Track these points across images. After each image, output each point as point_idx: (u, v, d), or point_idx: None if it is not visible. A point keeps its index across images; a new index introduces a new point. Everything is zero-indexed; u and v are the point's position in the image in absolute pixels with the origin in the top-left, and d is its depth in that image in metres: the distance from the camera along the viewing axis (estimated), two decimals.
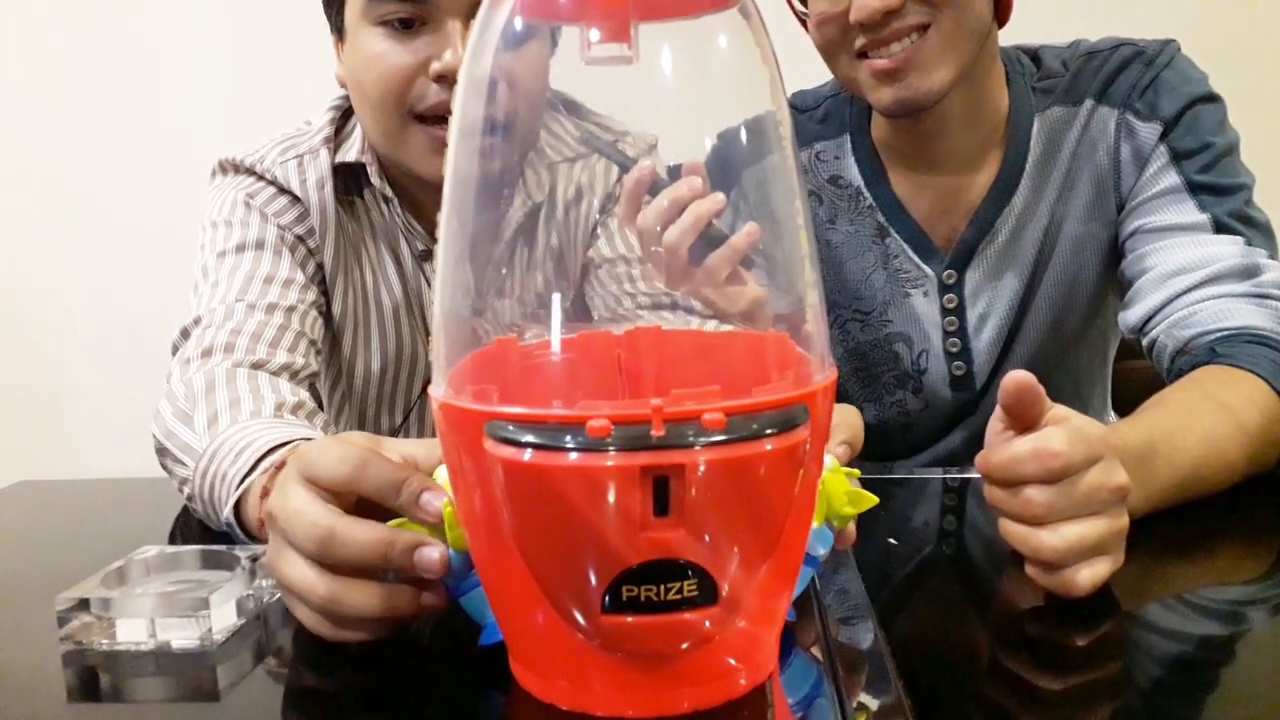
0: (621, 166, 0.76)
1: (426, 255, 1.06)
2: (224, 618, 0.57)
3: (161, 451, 0.84)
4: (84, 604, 0.57)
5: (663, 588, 0.43)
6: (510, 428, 0.42)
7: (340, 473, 0.52)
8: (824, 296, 0.51)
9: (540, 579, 0.45)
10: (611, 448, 0.40)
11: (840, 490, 0.55)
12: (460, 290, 0.51)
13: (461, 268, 0.51)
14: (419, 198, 1.05)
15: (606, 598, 0.43)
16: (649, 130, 0.97)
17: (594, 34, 0.48)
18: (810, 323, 0.50)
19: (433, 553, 0.51)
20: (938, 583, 0.69)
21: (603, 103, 0.92)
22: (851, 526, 0.58)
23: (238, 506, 0.72)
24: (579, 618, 0.45)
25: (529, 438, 0.41)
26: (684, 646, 0.45)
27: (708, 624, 0.44)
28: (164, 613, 0.56)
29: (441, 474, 0.53)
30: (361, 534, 0.51)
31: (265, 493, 0.68)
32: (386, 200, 1.04)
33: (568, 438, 0.41)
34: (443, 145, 0.93)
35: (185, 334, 0.93)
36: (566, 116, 1.04)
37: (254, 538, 0.72)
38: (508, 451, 0.42)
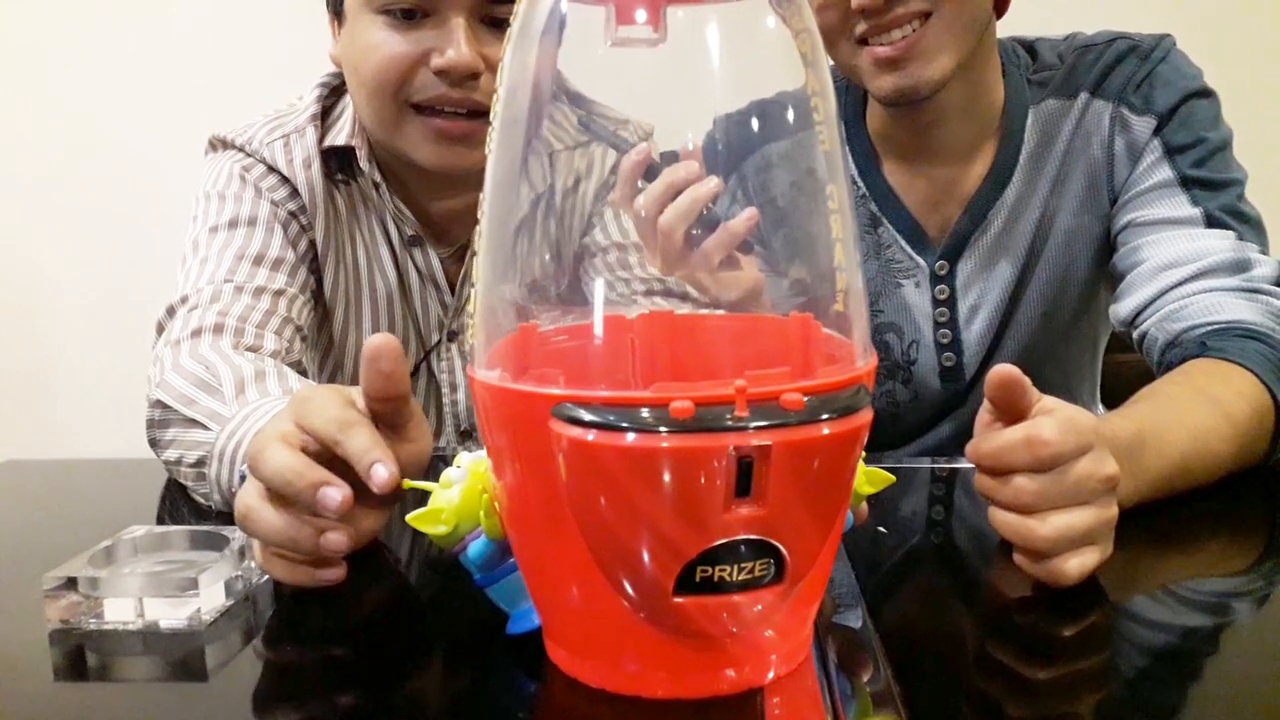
0: (620, 152, 0.76)
1: (415, 241, 1.06)
2: (213, 598, 0.57)
3: (163, 424, 0.83)
4: (71, 583, 0.57)
5: (736, 568, 0.43)
6: (586, 411, 0.41)
7: (327, 430, 0.58)
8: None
9: (604, 563, 0.45)
10: (698, 429, 0.40)
11: (860, 470, 0.56)
12: (502, 275, 0.52)
13: (502, 253, 0.51)
14: (409, 183, 1.04)
15: (680, 579, 0.43)
16: (683, 114, 0.97)
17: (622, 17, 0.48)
18: (846, 306, 0.50)
19: (334, 493, 0.55)
20: (926, 571, 0.69)
21: (624, 88, 0.92)
22: (864, 505, 0.59)
23: None
24: (645, 600, 0.45)
25: (609, 419, 0.41)
26: (742, 627, 0.46)
27: (773, 602, 0.45)
28: (152, 592, 0.56)
29: (465, 459, 0.54)
30: (278, 457, 0.57)
31: None
32: (376, 185, 1.03)
33: (650, 419, 0.40)
34: (440, 135, 0.94)
35: (171, 312, 0.92)
36: (569, 105, 1.04)
37: None
38: (579, 433, 0.41)
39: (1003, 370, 0.57)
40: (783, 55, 0.50)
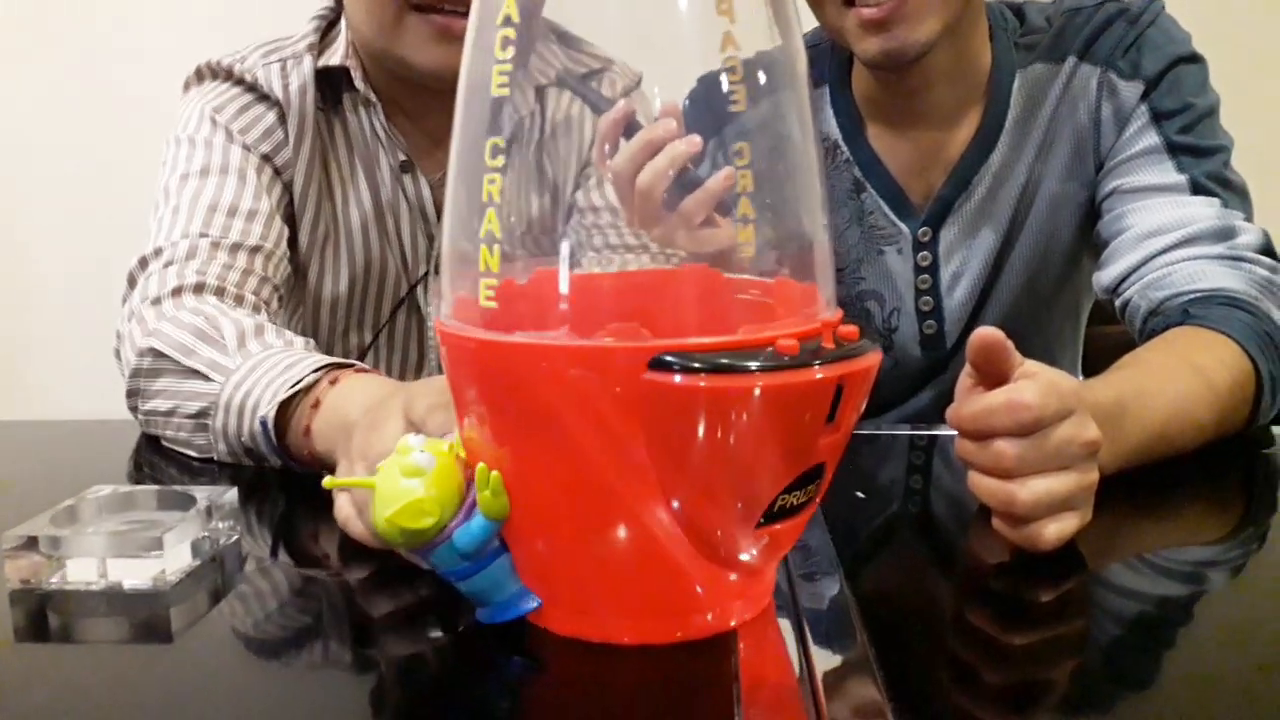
0: (595, 108, 0.74)
1: (407, 166, 1.04)
2: (178, 559, 0.56)
3: (153, 373, 0.82)
4: (32, 542, 0.56)
5: (802, 492, 0.47)
6: (697, 360, 0.42)
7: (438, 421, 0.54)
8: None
9: (691, 508, 0.46)
10: (801, 364, 0.43)
11: None
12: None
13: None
14: (402, 102, 1.03)
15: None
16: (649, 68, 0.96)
17: None
18: (821, 264, 0.52)
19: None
20: (904, 538, 0.69)
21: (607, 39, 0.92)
22: None
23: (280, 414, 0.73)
24: (726, 533, 0.47)
25: (721, 364, 0.42)
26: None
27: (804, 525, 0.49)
28: (116, 552, 0.55)
29: (416, 441, 0.49)
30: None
31: (316, 404, 0.72)
32: (368, 106, 1.02)
33: (767, 359, 0.43)
34: (441, 32, 0.93)
35: (144, 264, 0.91)
36: (557, 43, 1.02)
37: (283, 444, 0.74)
38: (689, 380, 0.42)
39: (985, 333, 0.57)
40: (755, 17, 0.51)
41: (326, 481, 0.49)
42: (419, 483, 0.46)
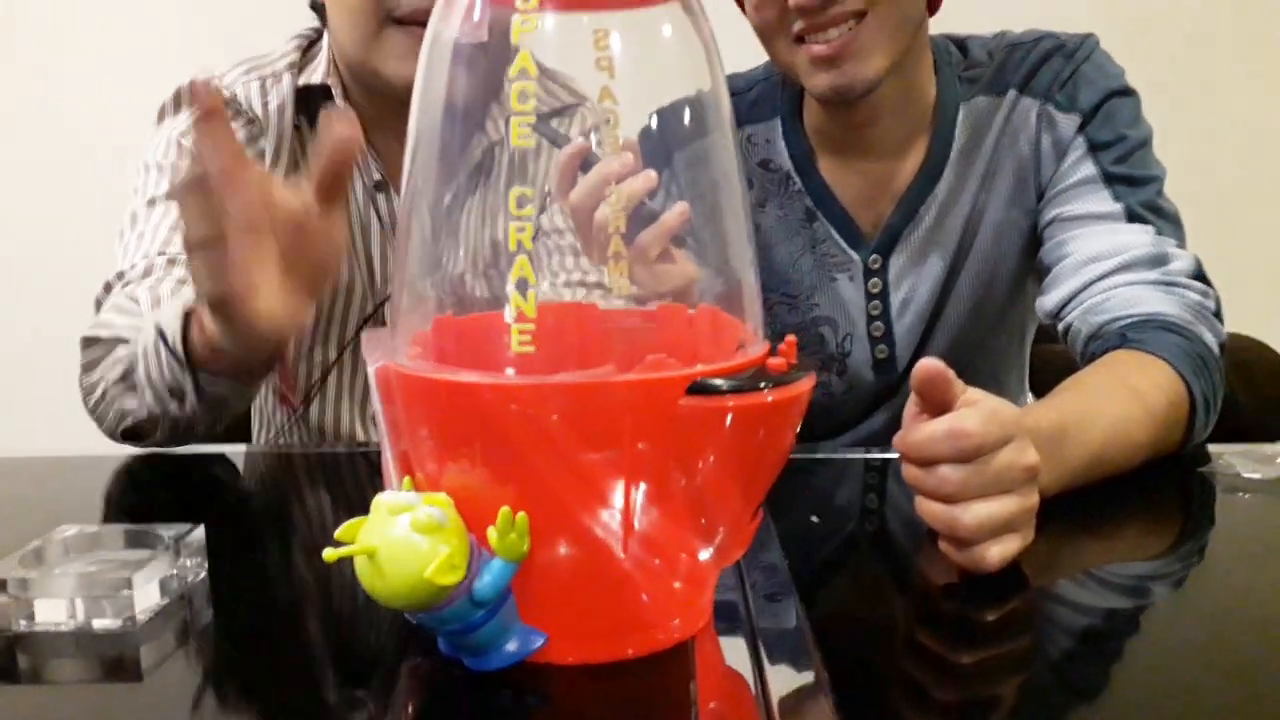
0: (554, 144, 0.76)
1: (381, 186, 1.06)
2: (147, 597, 0.57)
3: (90, 365, 0.86)
4: (1, 585, 0.56)
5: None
6: (722, 382, 0.47)
7: None
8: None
9: (712, 515, 0.50)
10: (791, 380, 0.49)
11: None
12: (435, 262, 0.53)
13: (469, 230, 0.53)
14: (382, 120, 1.04)
15: None
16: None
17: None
18: (749, 299, 0.55)
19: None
20: (858, 560, 0.71)
21: None
22: None
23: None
24: (728, 530, 0.52)
25: (743, 385, 0.48)
26: None
27: None
28: (85, 593, 0.56)
29: (407, 498, 0.47)
30: None
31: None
32: None
33: (773, 378, 0.49)
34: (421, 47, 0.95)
35: (107, 288, 0.92)
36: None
37: (192, 360, 0.77)
38: (718, 403, 0.47)
39: (927, 364, 0.59)
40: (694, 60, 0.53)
41: (328, 554, 0.45)
42: (437, 539, 0.45)
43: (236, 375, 0.79)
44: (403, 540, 0.44)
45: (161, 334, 0.77)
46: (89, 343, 0.85)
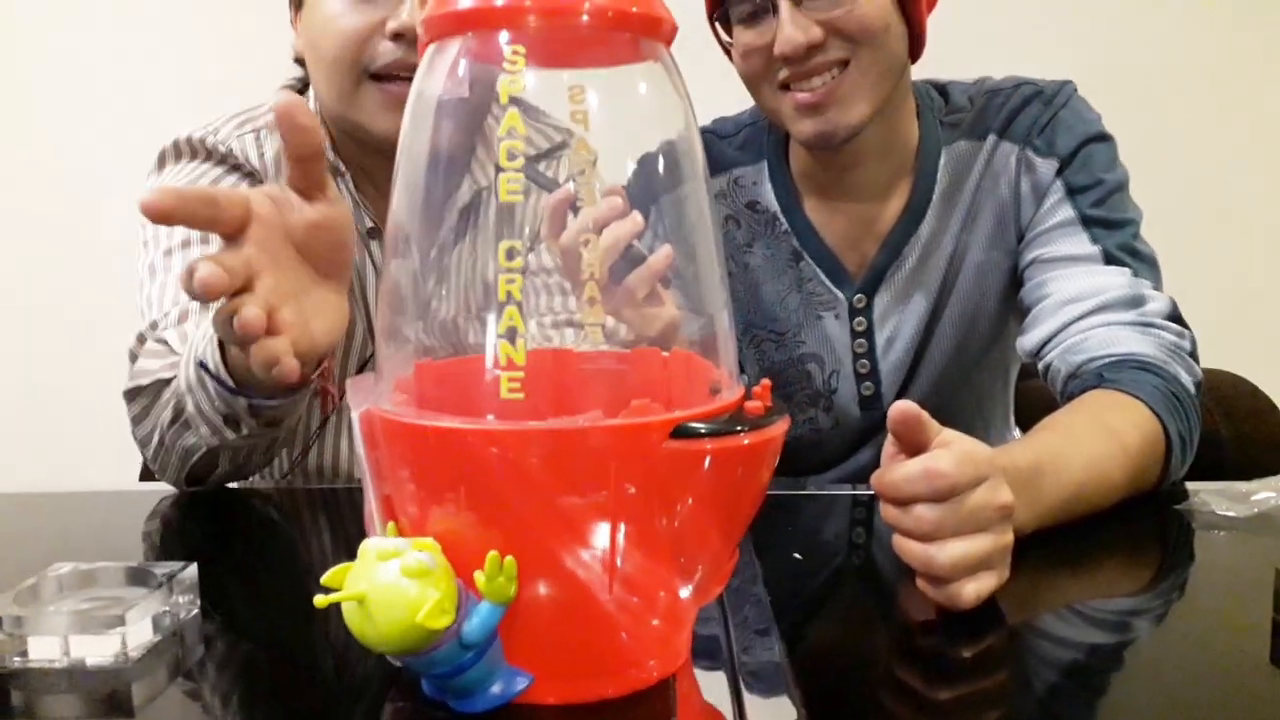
0: (542, 188, 0.78)
1: (374, 233, 1.07)
2: (140, 634, 0.58)
3: (141, 415, 0.87)
4: None
5: None
6: (702, 427, 0.49)
7: None
8: (735, 318, 0.57)
9: (691, 554, 0.51)
10: (764, 425, 0.51)
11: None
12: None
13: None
14: (371, 171, 1.06)
15: None
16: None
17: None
18: (723, 342, 0.56)
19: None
20: (840, 596, 0.72)
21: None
22: None
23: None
24: (708, 568, 0.53)
25: (722, 428, 0.49)
26: None
27: None
28: (78, 630, 0.57)
29: (394, 544, 0.47)
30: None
31: None
32: (337, 174, 1.05)
33: (751, 422, 0.50)
34: (397, 101, 0.97)
35: (142, 340, 0.93)
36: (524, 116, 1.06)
37: (242, 387, 0.78)
38: (699, 445, 0.48)
39: (902, 406, 0.61)
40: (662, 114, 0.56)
41: (318, 600, 0.45)
42: (426, 583, 0.45)
43: (286, 388, 0.79)
44: (392, 586, 0.45)
45: (203, 365, 0.77)
46: (132, 395, 0.86)
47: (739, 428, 0.49)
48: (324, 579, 0.46)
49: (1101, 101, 1.04)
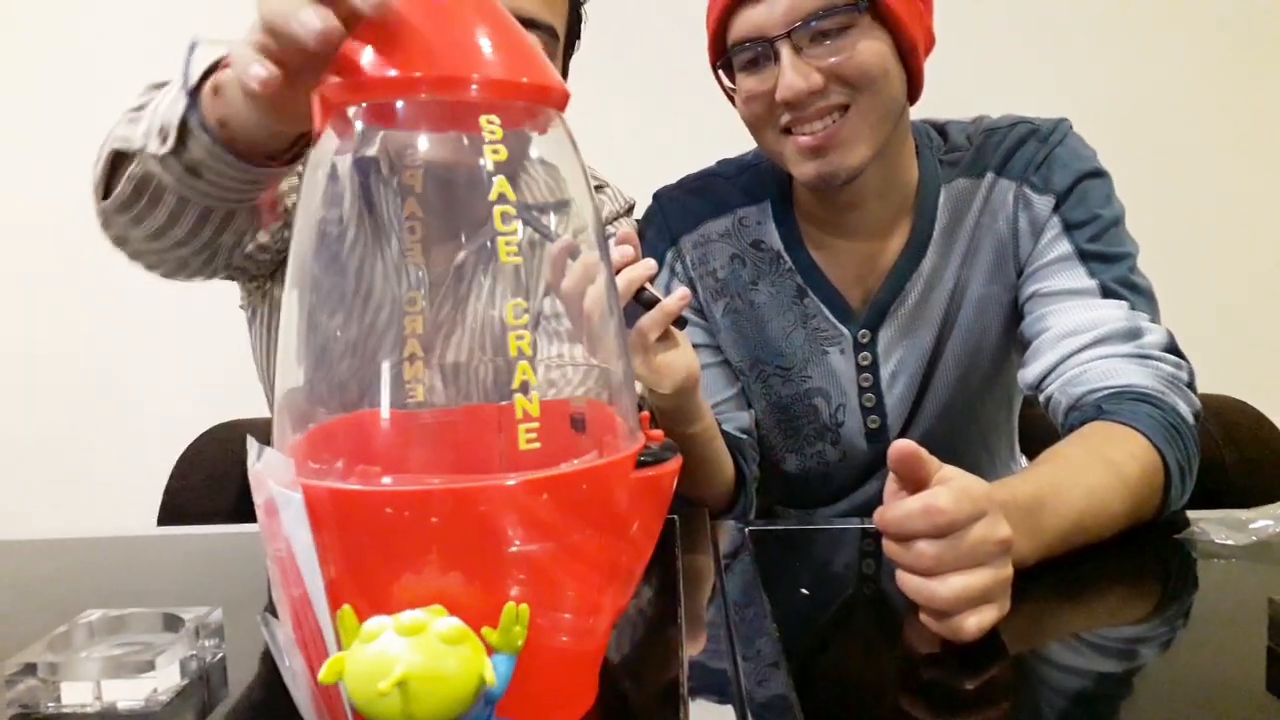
0: (546, 238, 0.81)
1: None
2: (168, 678, 0.60)
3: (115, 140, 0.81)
4: (30, 669, 0.59)
5: None
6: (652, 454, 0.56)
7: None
8: (743, 353, 0.60)
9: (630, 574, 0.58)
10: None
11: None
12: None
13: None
14: None
15: None
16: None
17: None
18: (621, 390, 0.60)
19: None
20: (846, 629, 0.74)
21: None
22: None
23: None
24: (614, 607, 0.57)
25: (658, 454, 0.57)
26: None
27: None
28: (109, 674, 0.59)
29: (415, 618, 0.44)
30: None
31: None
32: None
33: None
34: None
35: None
36: (540, 166, 1.07)
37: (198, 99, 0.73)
38: (663, 470, 0.57)
39: (901, 445, 0.63)
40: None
41: (360, 708, 0.42)
42: (467, 645, 0.44)
43: (231, 153, 0.74)
44: (434, 659, 0.42)
45: (187, 72, 0.72)
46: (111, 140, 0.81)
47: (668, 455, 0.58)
48: (322, 676, 0.43)
49: (1097, 138, 1.07)
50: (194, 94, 0.73)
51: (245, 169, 0.76)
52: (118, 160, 0.82)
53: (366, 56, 0.50)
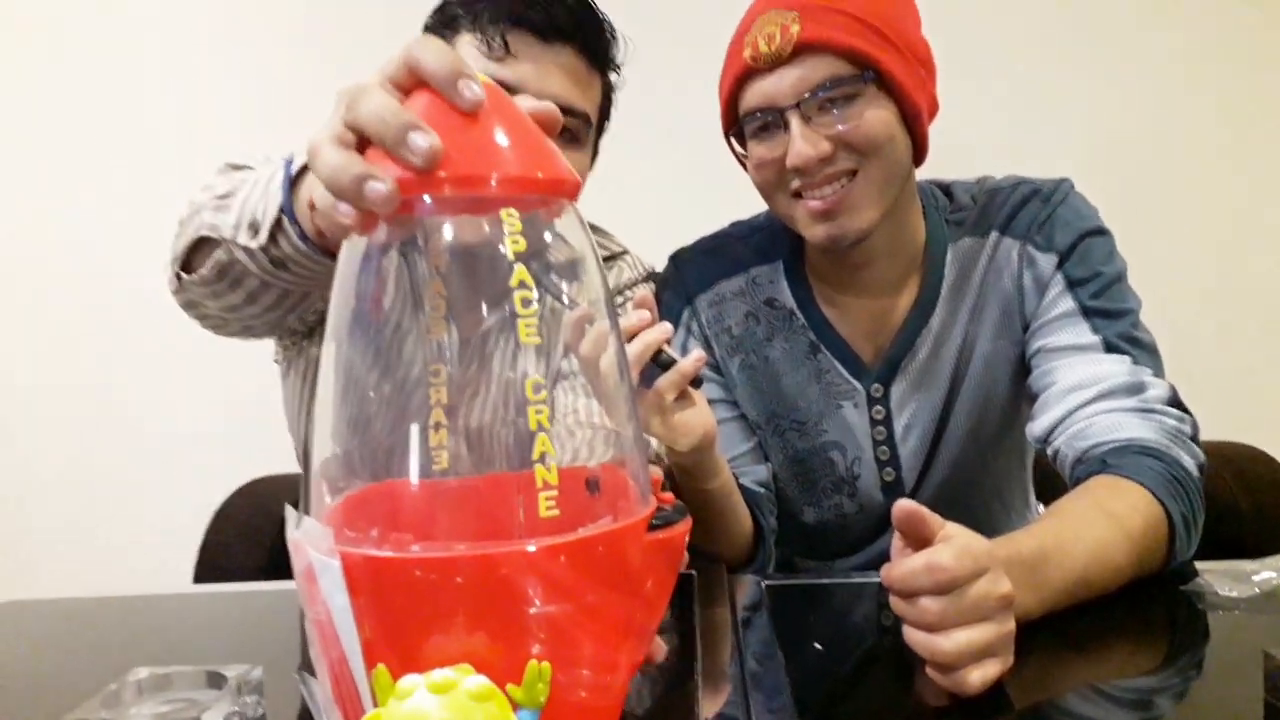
0: (563, 305, 0.84)
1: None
2: None
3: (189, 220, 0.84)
4: None
5: None
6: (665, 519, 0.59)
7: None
8: (759, 409, 0.63)
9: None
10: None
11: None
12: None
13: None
14: None
15: None
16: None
17: None
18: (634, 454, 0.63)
19: (380, 186, 0.52)
20: (859, 683, 0.76)
21: None
22: None
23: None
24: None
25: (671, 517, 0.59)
26: None
27: None
28: None
29: (441, 676, 0.47)
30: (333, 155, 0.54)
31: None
32: None
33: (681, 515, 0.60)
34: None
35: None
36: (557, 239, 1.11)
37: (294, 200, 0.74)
38: (673, 533, 0.59)
39: (904, 505, 0.66)
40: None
41: None
42: (494, 703, 0.46)
43: (320, 250, 0.76)
44: (465, 714, 0.45)
45: (288, 164, 0.73)
46: (191, 218, 0.83)
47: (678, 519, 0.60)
48: None
49: (1099, 196, 1.10)
50: (290, 188, 0.74)
51: (331, 264, 0.80)
52: (201, 242, 0.85)
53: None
